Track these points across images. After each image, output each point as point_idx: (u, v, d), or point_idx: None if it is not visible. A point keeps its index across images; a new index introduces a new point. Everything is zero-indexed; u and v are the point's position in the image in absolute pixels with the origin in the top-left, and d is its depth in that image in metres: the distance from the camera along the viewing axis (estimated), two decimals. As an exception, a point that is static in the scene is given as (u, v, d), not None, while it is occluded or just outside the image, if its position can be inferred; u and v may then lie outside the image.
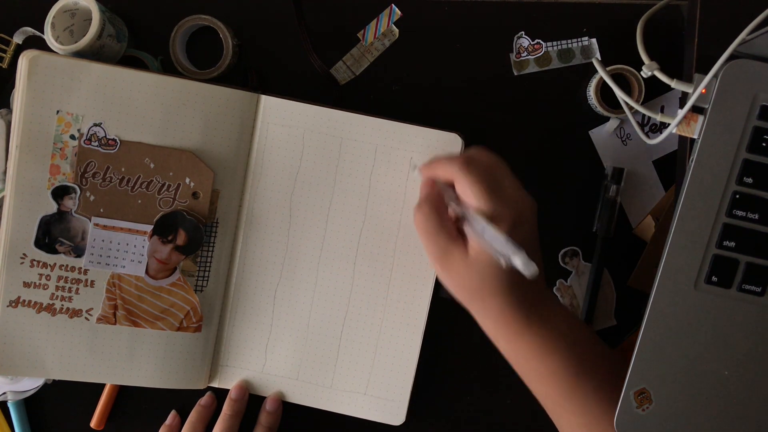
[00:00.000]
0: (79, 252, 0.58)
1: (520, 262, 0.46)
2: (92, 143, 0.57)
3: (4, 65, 0.63)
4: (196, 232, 0.59)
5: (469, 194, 0.51)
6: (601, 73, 0.59)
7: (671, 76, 0.56)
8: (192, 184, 0.58)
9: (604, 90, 0.60)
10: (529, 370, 0.55)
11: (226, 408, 0.61)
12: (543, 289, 0.55)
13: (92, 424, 0.63)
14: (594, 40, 0.62)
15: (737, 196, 0.54)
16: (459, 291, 0.53)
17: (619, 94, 0.58)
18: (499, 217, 0.50)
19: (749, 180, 0.53)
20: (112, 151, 0.57)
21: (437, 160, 0.55)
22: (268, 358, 0.62)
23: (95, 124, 0.57)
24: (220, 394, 0.63)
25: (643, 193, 0.62)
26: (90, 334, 0.59)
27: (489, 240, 0.48)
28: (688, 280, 0.54)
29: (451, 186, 0.53)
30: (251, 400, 0.62)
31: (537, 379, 0.54)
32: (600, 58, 0.61)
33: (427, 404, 0.63)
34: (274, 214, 0.61)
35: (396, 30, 0.62)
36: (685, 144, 0.58)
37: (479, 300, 0.53)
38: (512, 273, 0.49)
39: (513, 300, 0.52)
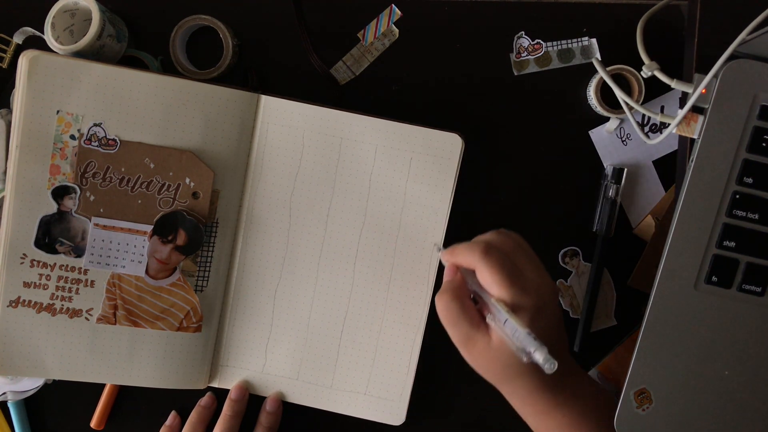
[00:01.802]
0: (79, 252, 0.58)
1: (541, 358, 0.45)
2: (92, 143, 0.57)
3: (4, 65, 0.63)
4: (196, 232, 0.59)
5: (490, 283, 0.51)
6: (601, 73, 0.59)
7: (671, 76, 0.57)
8: (192, 184, 0.58)
9: (604, 90, 0.60)
10: None
11: (226, 408, 0.61)
12: (571, 365, 0.55)
13: (92, 424, 0.63)
14: (594, 40, 0.62)
15: (737, 196, 0.54)
16: (485, 374, 0.53)
17: (619, 94, 0.58)
18: (520, 306, 0.50)
19: (749, 180, 0.53)
20: (112, 151, 0.57)
21: (459, 247, 0.54)
22: (268, 358, 0.62)
23: (95, 124, 0.57)
24: (220, 394, 0.63)
25: (643, 193, 0.62)
26: (90, 334, 0.59)
27: (510, 333, 0.48)
28: (688, 280, 0.54)
29: (473, 272, 0.53)
30: (251, 400, 0.62)
31: None
32: (600, 58, 0.61)
33: (427, 404, 0.63)
34: (274, 214, 0.61)
35: (396, 30, 0.62)
36: (685, 144, 0.58)
37: (506, 383, 0.53)
38: None
39: (539, 382, 0.52)
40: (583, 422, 0.54)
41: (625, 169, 0.61)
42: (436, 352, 0.62)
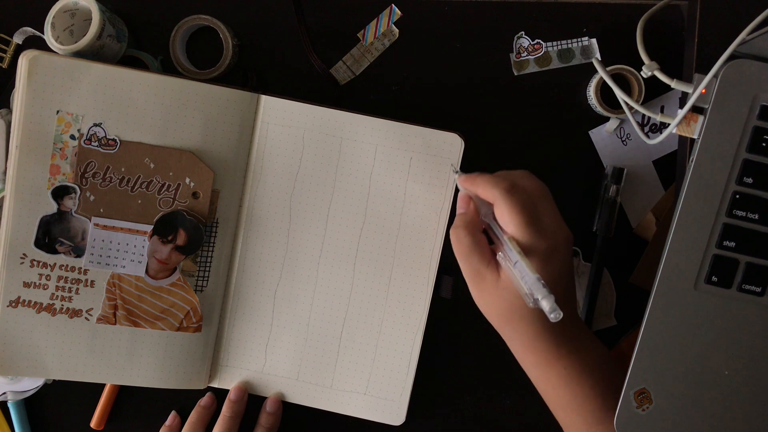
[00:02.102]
0: (79, 252, 0.58)
1: (548, 306, 0.46)
2: (92, 143, 0.57)
3: (4, 65, 0.63)
4: (196, 232, 0.59)
5: (508, 221, 0.51)
6: (601, 73, 0.59)
7: (671, 76, 0.57)
8: (192, 184, 0.58)
9: (604, 90, 0.60)
10: (556, 399, 0.55)
11: (225, 409, 0.61)
12: (575, 318, 0.55)
13: (92, 424, 0.63)
14: (594, 40, 0.62)
15: (737, 196, 0.54)
16: (490, 314, 0.53)
17: (619, 94, 0.58)
18: (533, 248, 0.50)
19: (749, 180, 0.53)
20: (112, 151, 0.57)
21: (481, 177, 0.54)
22: (268, 358, 0.62)
23: (95, 124, 0.57)
24: (220, 395, 0.63)
25: (643, 193, 0.62)
26: (90, 334, 0.59)
27: (519, 275, 0.48)
28: (688, 280, 0.54)
29: (490, 204, 0.53)
30: (251, 401, 0.62)
31: (563, 408, 0.55)
32: (600, 58, 0.61)
33: (427, 404, 0.63)
34: (274, 214, 0.61)
35: (396, 30, 0.62)
36: (685, 144, 0.58)
37: (509, 325, 0.53)
38: None
39: (544, 328, 0.52)
40: (584, 377, 0.53)
41: (625, 169, 0.61)
42: (436, 352, 0.62)
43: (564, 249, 0.53)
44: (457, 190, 0.60)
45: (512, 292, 0.50)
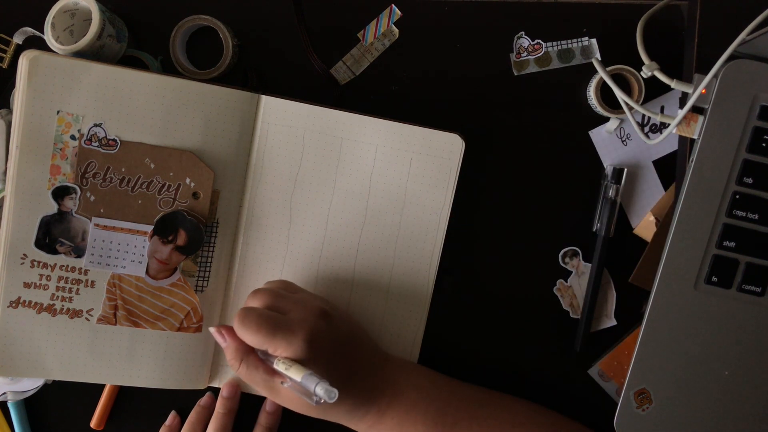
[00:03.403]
0: (79, 252, 0.58)
1: (322, 392, 0.47)
2: (92, 143, 0.57)
3: (4, 65, 0.63)
4: (197, 232, 0.59)
5: (256, 344, 0.53)
6: (601, 73, 0.59)
7: (671, 76, 0.57)
8: (192, 184, 0.58)
9: (604, 90, 0.60)
10: None
11: (218, 406, 0.61)
12: (381, 368, 0.57)
13: (92, 424, 0.63)
14: (594, 40, 0.62)
15: (737, 196, 0.54)
16: (298, 410, 0.55)
17: (619, 94, 0.58)
18: (294, 346, 0.51)
19: (749, 180, 0.54)
20: (113, 152, 0.57)
21: (225, 327, 0.56)
22: (268, 358, 0.62)
23: (95, 125, 0.57)
24: (221, 394, 0.63)
25: (643, 193, 0.62)
26: (90, 334, 0.59)
27: (293, 383, 0.50)
28: (688, 280, 0.54)
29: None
30: (251, 401, 0.62)
31: None
32: (600, 58, 0.61)
33: (428, 404, 0.63)
34: (274, 214, 0.61)
35: (396, 30, 0.62)
36: (685, 144, 0.58)
37: (325, 415, 0.55)
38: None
39: (350, 403, 0.54)
40: (414, 417, 0.55)
41: (625, 169, 0.61)
42: (436, 352, 0.62)
43: (321, 323, 0.54)
44: (457, 191, 0.60)
45: None
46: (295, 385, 0.50)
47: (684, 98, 0.57)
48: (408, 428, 0.55)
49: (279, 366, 0.51)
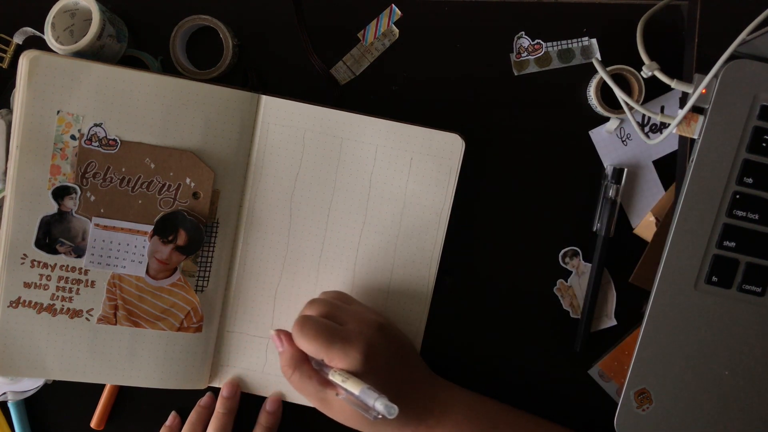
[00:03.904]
0: (79, 252, 0.58)
1: (382, 408, 0.47)
2: (93, 143, 0.57)
3: (5, 65, 0.63)
4: (197, 232, 0.59)
5: (313, 353, 0.53)
6: (601, 73, 0.59)
7: (671, 76, 0.57)
8: (192, 184, 0.58)
9: (604, 90, 0.60)
10: None
11: (218, 406, 0.61)
12: (429, 381, 0.57)
13: (92, 424, 0.63)
14: (594, 40, 0.62)
15: (737, 196, 0.54)
16: (353, 425, 0.55)
17: (619, 94, 0.58)
18: (350, 358, 0.52)
19: (749, 180, 0.54)
20: (113, 152, 0.57)
21: (284, 333, 0.57)
22: (268, 358, 0.62)
23: (96, 125, 0.57)
24: (221, 394, 0.63)
25: (643, 193, 0.62)
26: (90, 334, 0.59)
27: (351, 397, 0.50)
28: (688, 280, 0.55)
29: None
30: (251, 400, 0.62)
31: None
32: (600, 58, 0.61)
33: (428, 404, 0.63)
34: (274, 214, 0.61)
35: (396, 30, 0.62)
36: (685, 144, 0.58)
37: (372, 428, 0.55)
38: None
39: (401, 419, 0.54)
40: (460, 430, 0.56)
41: (625, 169, 0.61)
42: (436, 351, 0.62)
43: (378, 336, 0.54)
44: (457, 191, 0.60)
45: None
46: (351, 398, 0.50)
47: (684, 98, 0.57)
48: None
49: (335, 377, 0.51)
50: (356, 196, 0.60)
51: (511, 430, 0.57)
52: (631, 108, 0.59)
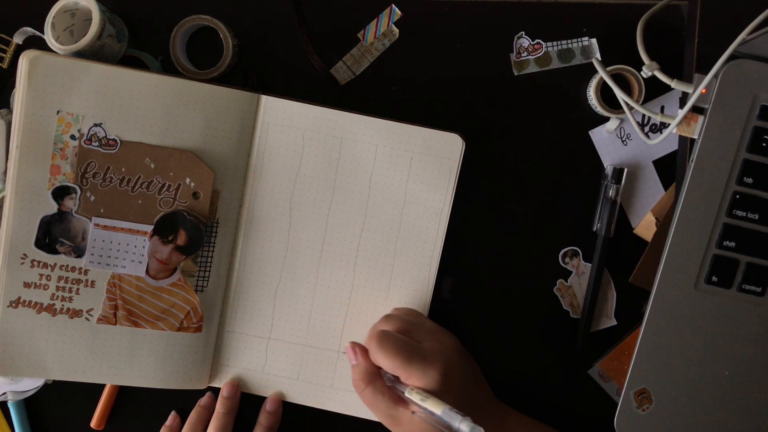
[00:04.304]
0: (79, 252, 0.58)
1: (467, 429, 0.47)
2: (92, 143, 0.57)
3: (4, 65, 0.63)
4: (197, 232, 0.59)
5: (392, 369, 0.53)
6: (601, 73, 0.59)
7: (671, 76, 0.57)
8: (192, 184, 0.58)
9: (604, 90, 0.60)
10: None
11: (218, 406, 0.61)
12: (498, 407, 0.58)
13: (92, 424, 0.63)
14: (594, 40, 0.62)
15: (737, 196, 0.54)
16: None
17: (619, 94, 0.58)
18: (428, 378, 0.52)
19: (749, 180, 0.54)
20: (113, 152, 0.57)
21: (359, 346, 0.57)
22: (268, 358, 0.62)
23: (95, 125, 0.57)
24: (221, 394, 0.63)
25: (643, 193, 0.62)
26: (90, 334, 0.59)
27: (431, 417, 0.50)
28: (688, 280, 0.54)
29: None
30: (251, 400, 0.62)
31: None
32: (600, 58, 0.61)
33: (428, 404, 0.63)
34: (274, 214, 0.61)
35: (396, 30, 0.62)
36: (685, 144, 0.58)
37: None
38: None
39: None
40: None
41: (625, 169, 0.61)
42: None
43: (455, 357, 0.55)
44: (457, 191, 0.60)
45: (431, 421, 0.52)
46: (429, 418, 0.50)
47: (684, 98, 0.57)
48: None
49: (412, 395, 0.51)
50: (356, 196, 0.60)
51: None
52: (631, 108, 0.59)
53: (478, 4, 0.62)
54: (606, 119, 0.62)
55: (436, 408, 0.49)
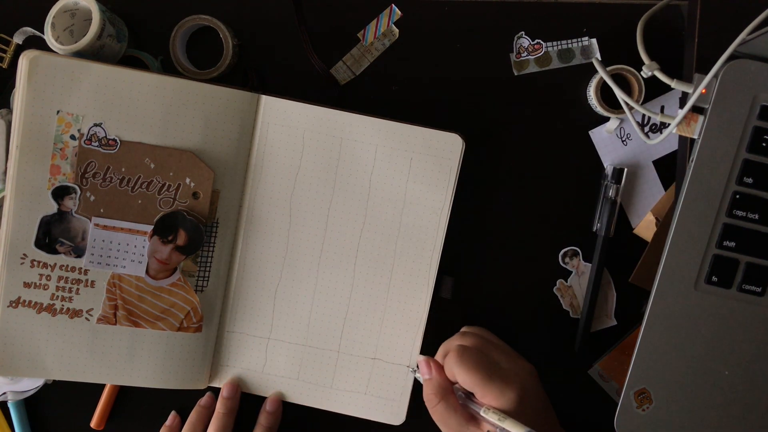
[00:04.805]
0: (79, 252, 0.58)
1: None
2: (92, 143, 0.57)
3: (5, 65, 0.63)
4: (196, 232, 0.59)
5: (471, 385, 0.53)
6: (601, 73, 0.59)
7: (671, 76, 0.57)
8: (192, 184, 0.58)
9: (604, 90, 0.60)
10: None
11: (219, 406, 0.61)
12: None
13: (92, 424, 0.63)
14: (594, 40, 0.62)
15: (737, 196, 0.54)
16: None
17: (619, 94, 0.58)
18: (506, 399, 0.51)
19: (749, 180, 0.53)
20: (113, 152, 0.57)
21: (434, 361, 0.57)
22: (268, 358, 0.62)
23: (95, 125, 0.57)
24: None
25: (643, 193, 0.62)
26: (90, 334, 0.59)
27: (508, 429, 0.50)
28: (688, 280, 0.54)
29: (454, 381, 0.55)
30: (251, 400, 0.62)
31: None
32: (600, 58, 0.61)
33: (428, 404, 0.63)
34: (274, 214, 0.61)
35: (396, 30, 0.62)
36: (685, 144, 0.58)
37: None
38: None
39: None
40: None
41: (625, 169, 0.61)
42: (436, 351, 0.62)
43: (534, 386, 0.54)
44: (457, 191, 0.60)
45: None
46: None
47: (684, 98, 0.57)
48: None
49: (489, 415, 0.51)
50: (356, 196, 0.60)
51: None
52: (631, 108, 0.59)
53: (478, 4, 0.62)
54: (606, 119, 0.62)
55: (518, 429, 0.49)
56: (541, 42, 0.62)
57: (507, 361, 0.55)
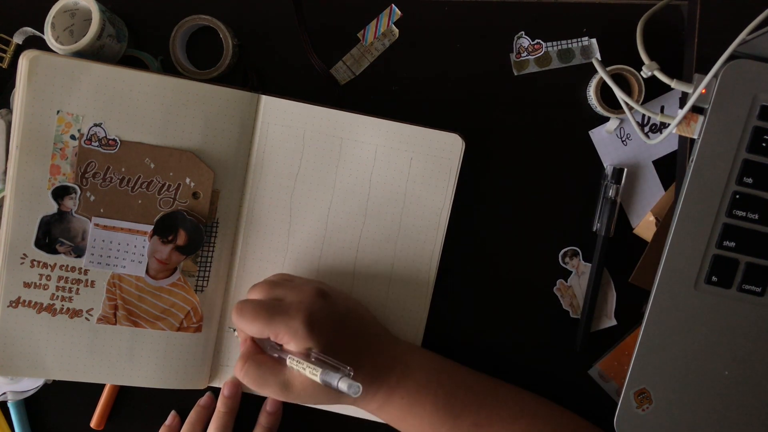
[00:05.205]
0: (79, 252, 0.58)
1: (345, 388, 0.47)
2: (92, 143, 0.57)
3: (4, 65, 0.63)
4: (197, 232, 0.59)
5: (256, 333, 0.53)
6: (601, 73, 0.59)
7: (671, 76, 0.57)
8: (192, 184, 0.58)
9: (604, 90, 0.60)
10: (408, 428, 0.56)
11: (219, 405, 0.61)
12: (391, 346, 0.57)
13: (92, 424, 0.63)
14: (594, 40, 0.62)
15: (737, 196, 0.54)
16: (318, 404, 0.55)
17: (619, 94, 0.58)
18: (297, 332, 0.51)
19: (749, 180, 0.54)
20: (113, 152, 0.57)
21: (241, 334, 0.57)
22: (268, 358, 0.62)
23: (95, 125, 0.57)
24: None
25: (643, 193, 0.62)
26: (90, 334, 0.59)
27: (311, 378, 0.50)
28: (688, 280, 0.55)
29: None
30: (252, 401, 0.62)
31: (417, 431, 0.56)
32: (600, 58, 0.61)
33: (428, 404, 0.63)
34: (274, 214, 0.61)
35: (396, 30, 0.62)
36: (685, 144, 0.58)
37: (335, 400, 0.54)
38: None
39: (368, 381, 0.54)
40: (421, 398, 0.55)
41: (625, 169, 0.61)
42: (436, 351, 0.62)
43: (318, 300, 0.54)
44: (457, 191, 0.60)
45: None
46: (311, 378, 0.49)
47: (684, 98, 0.57)
48: (417, 410, 0.55)
49: (293, 364, 0.51)
50: (356, 196, 0.60)
51: (474, 393, 0.57)
52: (631, 108, 0.59)
53: (478, 4, 0.62)
54: (606, 119, 0.62)
55: (314, 375, 0.49)
56: (541, 42, 0.62)
57: (292, 293, 0.54)
